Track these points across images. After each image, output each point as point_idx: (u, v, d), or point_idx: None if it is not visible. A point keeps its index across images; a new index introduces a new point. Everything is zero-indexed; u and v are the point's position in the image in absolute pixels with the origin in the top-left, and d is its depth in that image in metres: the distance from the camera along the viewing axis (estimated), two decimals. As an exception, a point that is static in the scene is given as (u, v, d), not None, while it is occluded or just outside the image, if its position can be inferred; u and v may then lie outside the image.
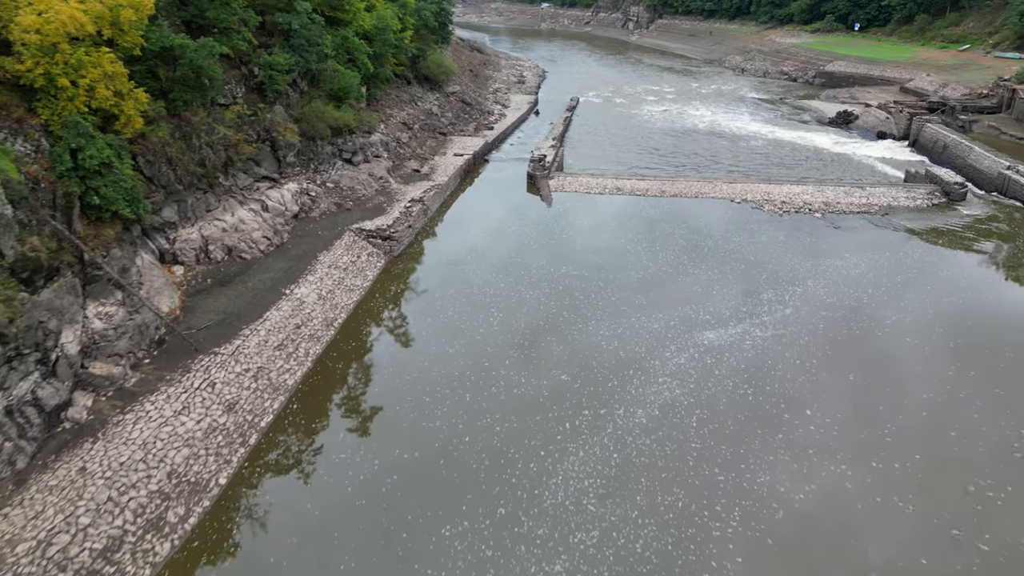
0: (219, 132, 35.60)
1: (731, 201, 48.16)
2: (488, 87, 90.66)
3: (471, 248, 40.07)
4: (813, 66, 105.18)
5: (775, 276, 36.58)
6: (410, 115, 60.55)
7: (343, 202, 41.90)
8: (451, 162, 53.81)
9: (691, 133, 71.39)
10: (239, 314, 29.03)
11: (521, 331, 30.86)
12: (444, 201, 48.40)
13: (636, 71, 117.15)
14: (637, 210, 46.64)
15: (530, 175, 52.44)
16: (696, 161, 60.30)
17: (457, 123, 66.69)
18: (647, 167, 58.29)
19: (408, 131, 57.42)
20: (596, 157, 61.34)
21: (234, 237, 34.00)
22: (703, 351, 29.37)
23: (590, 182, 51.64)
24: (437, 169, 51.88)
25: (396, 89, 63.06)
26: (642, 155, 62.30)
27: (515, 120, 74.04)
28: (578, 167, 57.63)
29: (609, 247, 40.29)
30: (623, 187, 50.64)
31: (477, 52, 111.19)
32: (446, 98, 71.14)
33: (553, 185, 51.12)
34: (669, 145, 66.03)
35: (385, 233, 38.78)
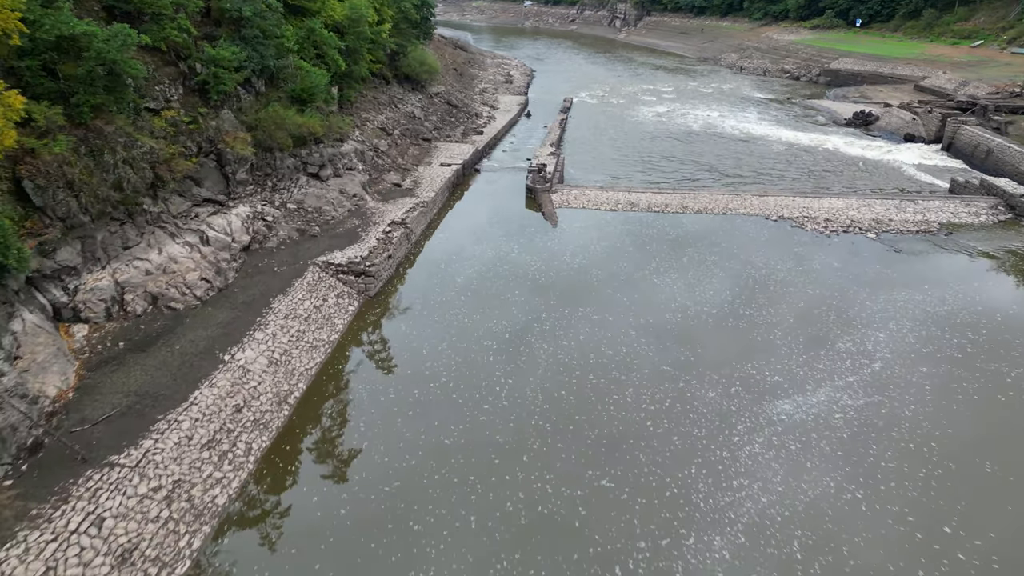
0: (143, 145, 27.55)
1: (766, 219, 40.93)
2: (474, 87, 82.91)
3: (466, 284, 32.35)
4: (816, 64, 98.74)
5: (844, 316, 29.35)
6: (390, 119, 52.68)
7: (307, 227, 33.97)
8: (437, 174, 46.06)
9: (700, 136, 64.24)
10: (156, 395, 21.09)
11: (537, 408, 23.27)
12: (431, 221, 40.63)
13: (629, 69, 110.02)
14: (658, 230, 39.21)
15: (529, 188, 44.85)
16: (713, 169, 53.10)
17: (443, 127, 58.90)
18: (660, 177, 50.98)
19: (387, 138, 49.56)
20: (599, 165, 53.92)
21: (161, 281, 25.98)
22: (782, 431, 21.98)
23: (599, 196, 44.16)
24: (421, 182, 44.09)
25: (373, 90, 55.15)
26: (650, 162, 54.99)
27: (506, 123, 66.44)
28: (580, 177, 50.15)
29: (633, 280, 32.80)
30: (638, 202, 43.23)
31: (461, 50, 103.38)
32: (430, 100, 63.30)
33: (556, 200, 43.59)
34: (678, 150, 58.79)
35: (359, 267, 30.94)
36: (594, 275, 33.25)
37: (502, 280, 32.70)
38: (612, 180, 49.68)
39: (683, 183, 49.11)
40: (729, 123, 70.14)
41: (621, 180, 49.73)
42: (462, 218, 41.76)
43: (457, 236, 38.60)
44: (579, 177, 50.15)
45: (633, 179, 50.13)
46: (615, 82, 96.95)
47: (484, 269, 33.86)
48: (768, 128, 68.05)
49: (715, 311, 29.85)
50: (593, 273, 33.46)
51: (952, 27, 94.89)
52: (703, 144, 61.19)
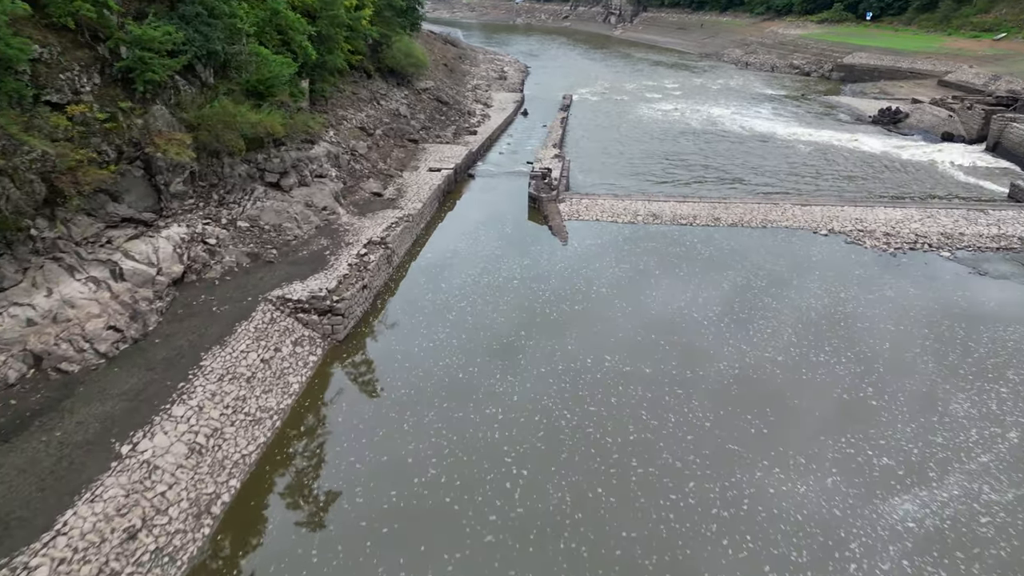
0: (32, 150, 20.61)
1: (814, 233, 34.40)
2: (466, 84, 76.11)
3: (459, 321, 25.52)
4: (828, 59, 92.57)
5: (945, 363, 22.82)
6: (371, 117, 45.80)
7: (262, 250, 27.06)
8: (425, 180, 39.21)
9: (714, 135, 57.71)
10: (7, 521, 14.23)
11: (564, 519, 16.52)
12: (417, 238, 33.80)
13: (629, 66, 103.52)
14: (687, 248, 32.58)
15: (533, 197, 38.10)
16: (736, 172, 46.56)
17: (432, 127, 52.03)
18: (678, 182, 44.35)
19: (367, 139, 42.66)
20: (607, 168, 47.27)
21: (49, 334, 19.05)
22: (914, 550, 15.37)
23: (615, 206, 37.46)
24: (406, 191, 37.23)
25: (352, 84, 48.24)
26: (665, 165, 48.37)
27: (501, 122, 59.67)
28: (588, 183, 43.48)
29: (668, 316, 26.10)
30: (660, 213, 36.58)
31: (451, 45, 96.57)
32: (417, 96, 56.43)
33: (565, 211, 36.87)
34: (693, 151, 52.19)
35: (324, 304, 24.05)
36: (618, 309, 26.54)
37: (504, 315, 25.93)
38: (624, 187, 43.02)
39: (707, 189, 42.52)
40: (745, 121, 63.68)
41: (634, 186, 43.09)
42: (454, 234, 34.93)
43: (448, 256, 31.79)
44: (586, 183, 43.47)
45: (647, 185, 43.49)
46: (616, 78, 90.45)
47: (482, 301, 27.08)
48: (789, 126, 61.66)
49: (780, 358, 23.20)
50: (616, 306, 26.75)
51: (971, 19, 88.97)
52: (720, 144, 54.65)
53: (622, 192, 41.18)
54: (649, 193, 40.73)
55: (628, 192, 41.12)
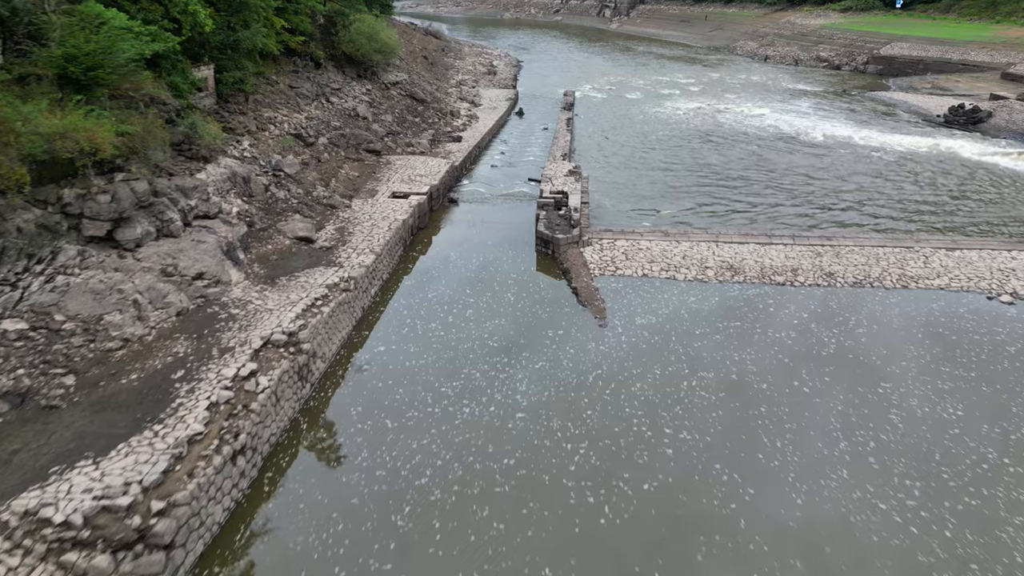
0: None
1: (989, 299, 21.63)
2: (449, 79, 62.83)
3: (423, 538, 12.66)
4: (860, 50, 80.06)
5: None
6: (313, 120, 32.51)
7: (45, 380, 13.87)
8: (383, 213, 25.98)
9: (758, 141, 44.89)
10: None
11: None
12: (362, 316, 20.67)
13: (632, 60, 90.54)
14: (810, 338, 19.35)
15: (544, 239, 25.07)
16: (812, 191, 33.70)
17: (402, 132, 38.73)
18: (731, 207, 31.40)
19: (304, 151, 29.40)
20: (636, 187, 34.26)
21: None
22: None
23: (667, 252, 24.41)
24: (352, 233, 23.99)
25: (291, 76, 34.94)
26: (713, 181, 35.40)
27: (492, 125, 46.56)
28: (615, 210, 30.53)
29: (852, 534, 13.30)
30: (739, 263, 23.60)
31: (432, 37, 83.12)
32: (384, 92, 43.12)
33: (594, 261, 23.85)
34: (739, 162, 39.28)
35: (125, 525, 10.99)
36: (722, 501, 13.62)
37: (511, 519, 12.97)
38: (661, 214, 30.09)
39: (788, 219, 29.66)
40: (789, 123, 50.91)
41: (682, 215, 30.15)
42: (422, 306, 21.65)
43: (410, 356, 18.62)
44: (613, 210, 30.52)
45: (700, 213, 30.54)
46: (621, 73, 77.49)
47: (464, 482, 14.05)
48: (844, 128, 48.97)
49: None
50: (722, 496, 13.81)
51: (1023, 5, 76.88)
52: (769, 152, 41.83)
53: (668, 224, 28.24)
54: (711, 227, 27.69)
55: (678, 225, 28.16)
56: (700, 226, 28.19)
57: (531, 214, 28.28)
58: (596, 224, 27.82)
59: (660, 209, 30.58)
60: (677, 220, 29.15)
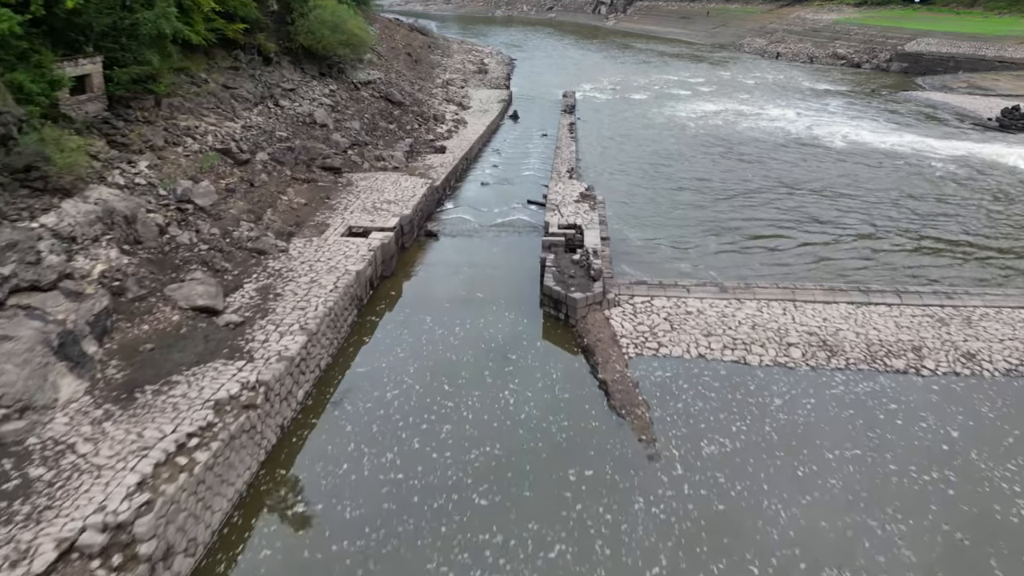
0: None
1: None
2: (434, 78, 55.33)
3: None
4: (882, 47, 73.07)
5: None
6: (251, 130, 24.94)
7: None
8: (330, 261, 18.45)
9: (793, 149, 37.66)
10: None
11: None
12: (272, 448, 13.29)
13: (633, 58, 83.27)
14: (984, 507, 12.49)
15: (555, 298, 17.74)
16: (876, 217, 26.52)
17: (372, 143, 31.16)
18: (802, 233, 24.13)
19: (233, 171, 21.87)
20: (662, 212, 26.94)
21: None
22: None
23: (726, 314, 17.01)
24: (280, 296, 16.45)
25: (228, 73, 27.39)
26: (758, 203, 28.06)
27: (483, 131, 39.15)
28: (642, 245, 23.24)
29: None
30: (829, 334, 16.27)
31: (418, 33, 75.44)
32: (352, 93, 35.56)
33: (625, 331, 16.52)
34: (788, 176, 32.00)
35: None
36: None
37: None
38: (711, 255, 22.77)
39: (853, 254, 22.42)
40: (823, 128, 43.78)
41: (717, 247, 22.86)
42: (372, 421, 13.99)
43: (341, 535, 11.20)
44: (634, 242, 23.24)
45: (735, 245, 23.25)
46: (623, 72, 70.23)
47: None
48: (890, 135, 41.93)
49: None
50: None
51: (1058, -3, 70.24)
52: (813, 164, 34.63)
53: (716, 267, 20.95)
54: (778, 277, 20.30)
55: (730, 270, 20.86)
56: (757, 269, 20.88)
57: (534, 254, 20.97)
58: (622, 270, 20.49)
59: (695, 242, 23.22)
60: (722, 255, 21.84)
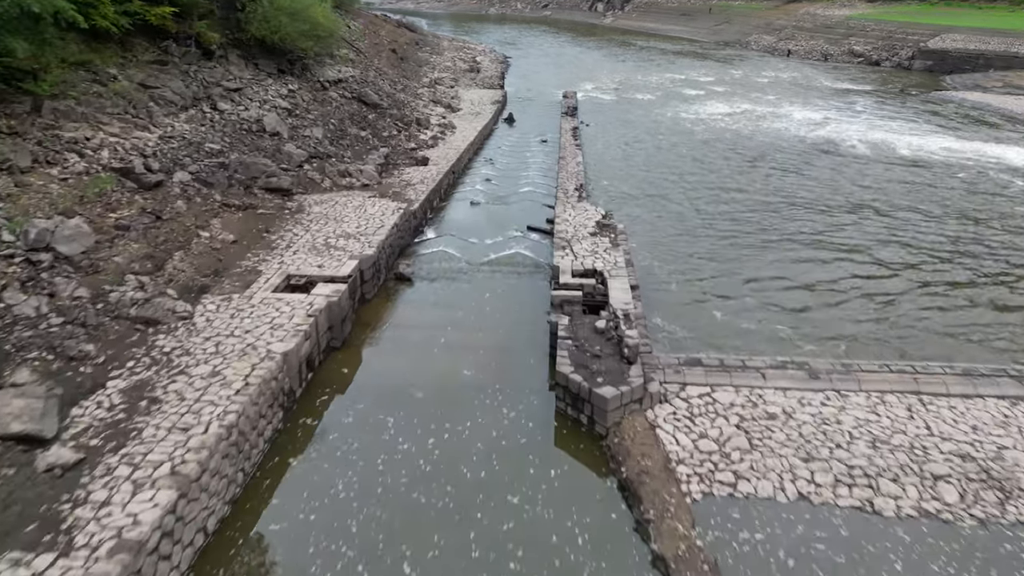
0: None
1: None
2: (421, 77, 49.56)
3: None
4: (903, 44, 67.72)
5: None
6: (170, 141, 19.07)
7: None
8: (246, 336, 12.70)
9: (840, 160, 32.15)
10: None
11: None
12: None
13: (635, 55, 77.71)
14: None
15: (574, 393, 12.11)
16: (963, 250, 21.05)
17: (337, 154, 25.30)
18: (888, 269, 18.58)
19: (132, 200, 16.07)
20: (693, 239, 21.35)
21: None
22: None
23: (827, 422, 11.48)
24: (161, 401, 10.53)
25: (147, 69, 21.52)
26: (814, 227, 22.46)
27: (473, 137, 33.44)
28: (670, 282, 17.57)
29: None
30: (991, 457, 10.72)
31: (406, 29, 69.60)
32: (316, 93, 29.70)
33: (679, 452, 10.93)
34: (828, 191, 26.48)
35: None
36: None
37: None
38: (759, 293, 17.13)
39: (954, 302, 16.88)
40: (856, 131, 38.29)
41: (786, 283, 17.25)
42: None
43: None
44: (664, 281, 17.59)
45: (797, 279, 17.63)
46: (625, 70, 64.66)
47: None
48: (936, 139, 36.52)
49: None
50: None
51: (1091, -10, 65.01)
52: (852, 171, 29.08)
53: (781, 320, 15.33)
54: (872, 336, 14.67)
55: (802, 324, 15.25)
56: (838, 325, 15.22)
57: (539, 307, 15.34)
58: (656, 324, 14.82)
59: (744, 275, 17.54)
60: (779, 296, 16.19)
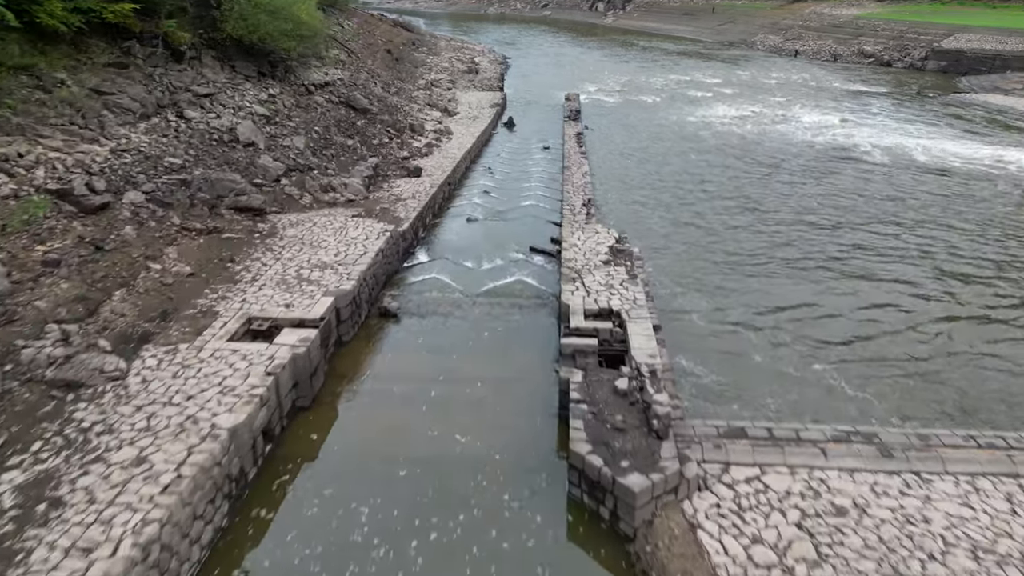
0: None
1: None
2: (417, 79, 47.11)
3: None
4: (915, 44, 65.34)
5: None
6: (122, 155, 16.54)
7: None
8: (189, 404, 10.23)
9: (857, 164, 29.78)
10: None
11: None
12: None
13: (638, 56, 75.28)
14: None
15: (591, 480, 9.66)
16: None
17: (320, 166, 22.87)
18: (909, 297, 16.20)
19: (68, 228, 13.60)
20: (713, 263, 19.00)
21: None
22: None
23: (910, 521, 9.06)
24: (54, 514, 7.95)
25: (103, 72, 19.05)
26: (826, 244, 20.19)
27: (471, 144, 30.99)
28: (685, 305, 15.13)
29: None
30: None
31: (403, 29, 67.08)
32: (300, 98, 27.20)
33: (729, 566, 8.55)
34: (852, 203, 24.10)
35: None
36: None
37: None
38: (799, 325, 14.72)
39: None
40: (873, 137, 35.94)
41: (811, 321, 14.83)
42: None
43: None
44: (685, 312, 15.17)
45: (842, 310, 15.23)
46: (629, 71, 62.25)
47: None
48: (965, 145, 34.18)
49: None
50: None
51: (1110, -12, 62.61)
52: (879, 181, 26.66)
53: (835, 366, 12.93)
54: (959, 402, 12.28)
55: (855, 376, 12.85)
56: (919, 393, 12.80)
57: (546, 349, 12.93)
58: (680, 365, 12.42)
59: (776, 303, 15.10)
60: (823, 330, 13.77)
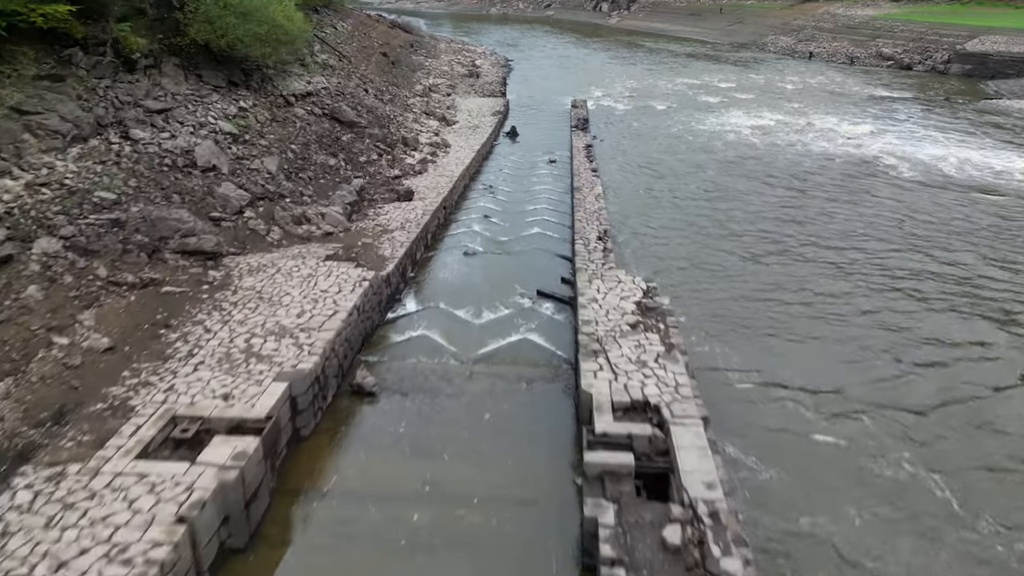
0: None
1: None
2: (414, 83, 43.91)
3: None
4: (937, 46, 61.97)
5: None
6: (38, 190, 13.29)
7: None
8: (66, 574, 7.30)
9: (902, 184, 26.59)
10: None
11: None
12: None
13: (646, 58, 71.96)
14: None
15: None
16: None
17: (294, 193, 19.73)
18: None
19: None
20: (750, 309, 15.82)
21: None
22: None
23: None
24: None
25: (30, 85, 15.88)
26: (887, 285, 17.05)
27: (470, 159, 27.78)
28: (726, 367, 11.96)
29: None
30: None
31: (401, 30, 63.78)
32: (276, 111, 23.99)
33: None
34: (908, 230, 20.99)
35: None
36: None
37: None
38: (878, 400, 11.60)
39: None
40: (908, 149, 32.75)
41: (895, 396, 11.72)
42: None
43: None
44: (723, 377, 12.00)
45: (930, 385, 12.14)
46: (636, 75, 59.00)
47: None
48: (1013, 158, 31.02)
49: None
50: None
51: None
52: (926, 201, 23.43)
53: (933, 457, 9.81)
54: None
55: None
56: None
57: (558, 445, 9.80)
58: (728, 455, 9.27)
59: (842, 368, 11.92)
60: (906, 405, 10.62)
